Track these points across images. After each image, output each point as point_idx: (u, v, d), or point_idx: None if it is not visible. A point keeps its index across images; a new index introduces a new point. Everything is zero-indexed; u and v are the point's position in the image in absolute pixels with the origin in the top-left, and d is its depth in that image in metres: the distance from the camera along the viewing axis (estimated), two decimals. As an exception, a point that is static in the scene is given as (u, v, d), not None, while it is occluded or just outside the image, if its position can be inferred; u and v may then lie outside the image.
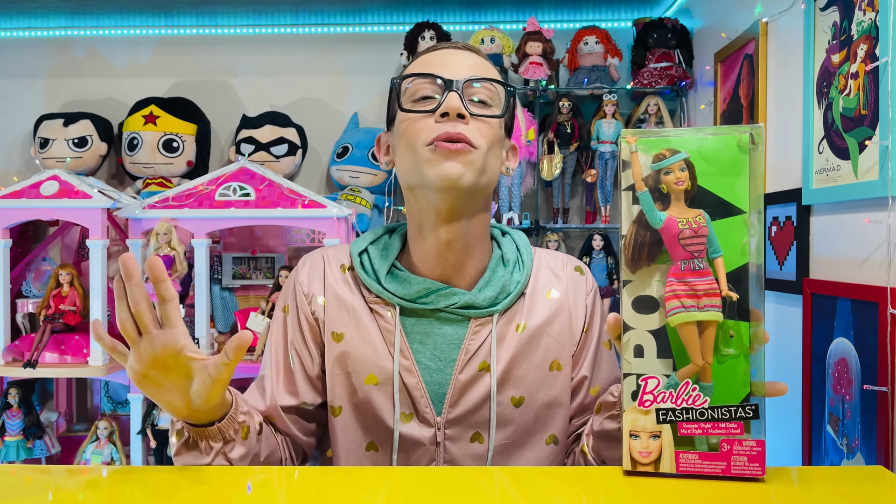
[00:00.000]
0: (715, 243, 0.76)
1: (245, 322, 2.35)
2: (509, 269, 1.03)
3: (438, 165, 0.94)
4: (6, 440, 2.29)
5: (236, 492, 0.78)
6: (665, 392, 0.77)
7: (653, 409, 0.78)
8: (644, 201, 0.77)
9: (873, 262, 1.35)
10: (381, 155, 1.07)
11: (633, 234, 0.78)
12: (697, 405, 0.77)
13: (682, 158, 0.76)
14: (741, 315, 0.76)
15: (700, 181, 0.76)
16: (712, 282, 0.76)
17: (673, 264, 0.77)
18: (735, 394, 0.76)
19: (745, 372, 0.76)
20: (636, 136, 0.78)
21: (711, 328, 0.76)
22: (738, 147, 0.76)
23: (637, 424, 0.78)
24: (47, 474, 0.92)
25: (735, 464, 0.76)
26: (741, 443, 0.76)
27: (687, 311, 0.76)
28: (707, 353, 0.76)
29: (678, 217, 0.77)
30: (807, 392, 1.55)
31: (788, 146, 1.70)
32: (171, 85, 2.74)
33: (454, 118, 0.94)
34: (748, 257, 0.76)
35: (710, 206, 0.76)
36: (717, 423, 0.76)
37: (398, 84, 1.00)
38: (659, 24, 2.44)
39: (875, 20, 1.32)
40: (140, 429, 2.28)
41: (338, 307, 1.03)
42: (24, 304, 2.43)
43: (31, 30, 2.73)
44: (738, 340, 0.76)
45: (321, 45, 2.73)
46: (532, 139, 2.48)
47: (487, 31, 2.53)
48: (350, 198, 2.51)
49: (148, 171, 2.53)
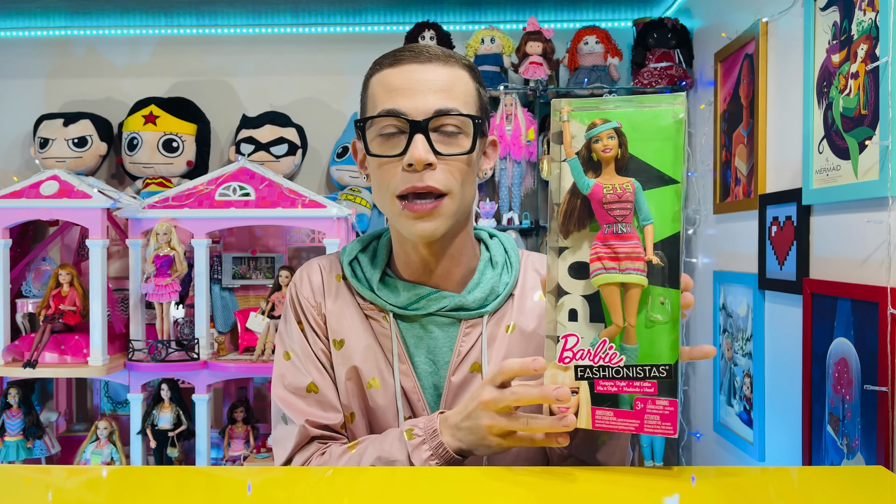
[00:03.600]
0: (645, 210, 0.78)
1: (245, 322, 2.35)
2: (497, 271, 1.04)
3: (411, 223, 0.95)
4: (6, 440, 2.29)
5: (236, 491, 0.78)
6: (584, 350, 0.80)
7: (572, 365, 0.80)
8: (573, 168, 0.80)
9: (873, 262, 1.35)
10: (359, 165, 1.05)
11: (566, 201, 0.80)
12: (613, 363, 0.79)
13: (612, 127, 0.78)
14: (672, 283, 0.77)
15: (633, 151, 0.78)
16: (635, 246, 0.78)
17: (600, 229, 0.79)
18: (662, 358, 0.78)
19: (673, 338, 0.77)
20: (571, 106, 0.80)
21: (635, 291, 0.78)
22: (671, 117, 0.77)
23: (556, 380, 0.80)
24: (47, 474, 0.92)
25: (648, 422, 0.78)
26: (654, 402, 0.78)
27: (608, 273, 0.79)
28: (630, 315, 0.78)
29: (605, 183, 0.79)
30: (807, 392, 1.55)
31: (788, 146, 1.70)
32: (171, 85, 2.74)
33: (421, 168, 0.92)
34: (680, 226, 0.77)
35: (644, 175, 0.78)
36: (631, 381, 0.78)
37: (362, 126, 0.97)
38: (659, 23, 2.44)
39: (875, 20, 1.32)
40: (140, 429, 2.28)
41: (337, 315, 1.04)
42: (24, 304, 2.43)
43: (31, 30, 2.73)
44: (668, 307, 0.77)
45: (321, 45, 2.73)
46: (532, 139, 2.48)
47: (487, 31, 2.53)
48: (350, 198, 2.51)
49: (148, 171, 2.53)
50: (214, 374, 2.26)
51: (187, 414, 2.29)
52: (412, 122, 0.92)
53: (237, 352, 2.40)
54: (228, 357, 2.33)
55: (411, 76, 0.95)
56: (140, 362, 2.23)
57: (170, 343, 2.22)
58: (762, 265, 1.79)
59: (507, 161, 2.50)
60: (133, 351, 2.24)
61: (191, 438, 2.30)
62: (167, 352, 2.21)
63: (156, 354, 2.21)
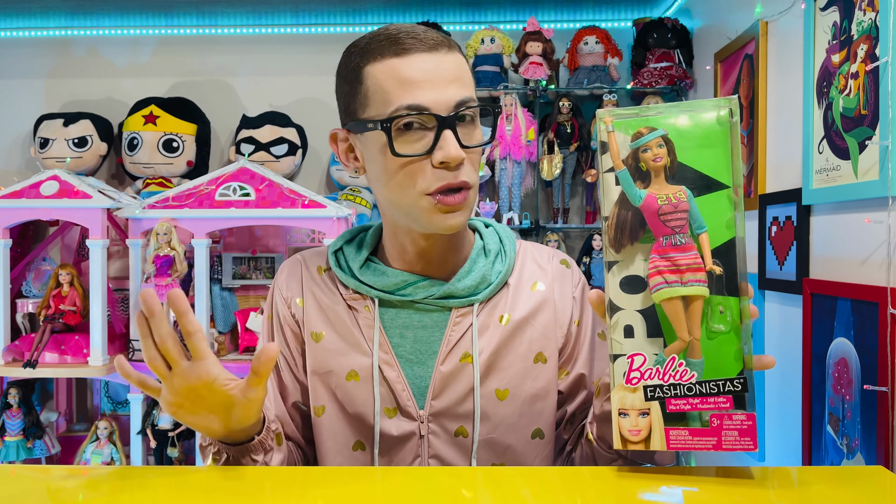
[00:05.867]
0: (699, 219, 0.76)
1: (245, 322, 2.35)
2: (490, 260, 1.03)
3: (441, 218, 0.92)
4: (6, 440, 2.29)
5: (236, 491, 0.78)
6: (652, 369, 0.77)
7: (640, 386, 0.77)
8: (623, 180, 0.77)
9: (873, 262, 1.35)
10: (342, 155, 1.01)
11: (615, 214, 0.78)
12: (685, 381, 0.76)
13: (660, 135, 0.76)
14: (730, 290, 0.76)
15: (680, 157, 0.76)
16: (695, 256, 0.76)
17: (655, 241, 0.77)
18: (727, 369, 0.76)
19: (737, 348, 0.75)
20: (612, 116, 0.78)
21: (697, 303, 0.76)
22: (716, 121, 0.76)
23: (626, 402, 0.78)
24: (47, 474, 0.92)
25: (726, 438, 0.76)
26: (731, 417, 0.76)
27: (670, 287, 0.76)
28: (694, 328, 0.76)
29: (658, 193, 0.77)
30: (807, 392, 1.55)
31: (788, 146, 1.70)
32: (171, 85, 2.74)
33: (455, 166, 0.90)
34: (734, 232, 0.76)
35: (693, 182, 0.76)
36: (705, 398, 0.76)
37: (388, 126, 0.91)
38: (659, 24, 2.44)
39: (875, 20, 1.32)
40: (140, 429, 2.28)
41: (316, 308, 1.03)
42: (24, 304, 2.43)
43: (31, 30, 2.73)
44: (728, 316, 0.76)
45: (321, 45, 2.73)
46: (532, 139, 2.48)
47: (487, 31, 2.53)
48: (350, 198, 2.51)
49: (148, 171, 2.53)
50: (214, 374, 2.26)
51: (187, 414, 2.29)
52: (439, 117, 0.89)
53: (237, 352, 2.40)
54: (229, 357, 2.33)
55: (424, 67, 0.90)
56: (140, 362, 2.22)
57: (170, 343, 2.22)
58: (762, 265, 1.79)
59: (507, 161, 2.50)
60: (133, 351, 2.24)
61: (191, 438, 2.30)
62: (167, 352, 2.21)
63: (156, 354, 2.21)
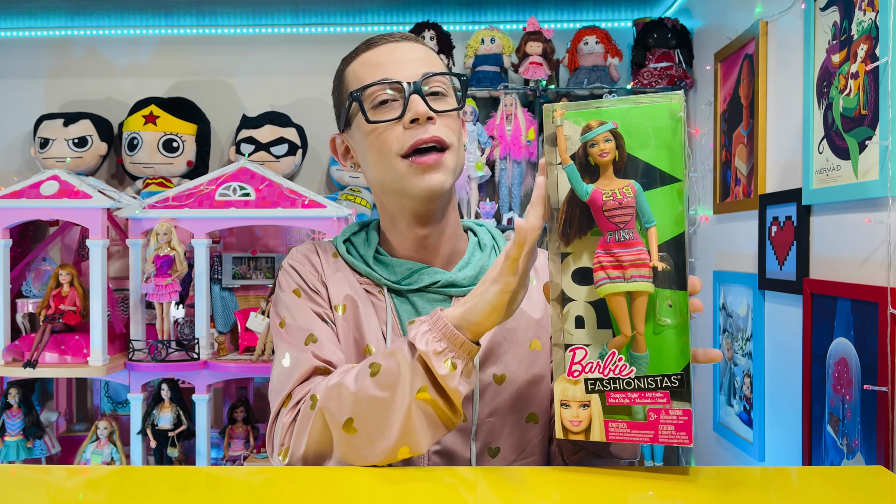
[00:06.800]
0: (648, 213, 0.75)
1: (245, 322, 2.35)
2: (486, 254, 1.09)
3: (419, 179, 0.97)
4: (6, 440, 2.29)
5: (236, 491, 0.78)
6: (593, 362, 0.78)
7: (581, 378, 0.79)
8: (570, 174, 0.77)
9: (873, 262, 1.35)
10: (341, 158, 1.10)
11: (564, 207, 0.78)
12: (624, 375, 0.77)
13: (609, 129, 0.76)
14: (680, 285, 0.75)
15: (631, 151, 0.76)
16: (640, 252, 0.76)
17: (602, 236, 0.77)
18: (672, 364, 0.76)
19: (684, 343, 0.76)
20: (565, 108, 0.78)
21: (642, 298, 0.76)
22: (669, 115, 0.75)
23: (567, 394, 0.79)
24: (47, 474, 0.92)
25: (662, 432, 0.77)
26: (668, 412, 0.77)
27: (612, 283, 0.77)
28: (638, 322, 0.76)
29: (604, 189, 0.76)
30: (807, 392, 1.55)
31: (788, 146, 1.70)
32: (171, 85, 2.74)
33: (424, 122, 0.96)
34: (684, 226, 0.75)
35: (643, 176, 0.76)
36: (643, 392, 0.77)
37: (358, 96, 1.00)
38: (659, 24, 2.44)
39: (875, 20, 1.32)
40: (140, 429, 2.28)
41: (337, 285, 1.06)
42: (24, 304, 2.43)
43: (31, 30, 2.73)
44: (677, 310, 0.75)
45: (321, 45, 2.73)
46: (532, 139, 2.48)
47: (487, 31, 2.53)
48: (350, 198, 2.51)
49: (148, 171, 2.53)
50: (214, 374, 2.26)
51: (187, 414, 2.29)
52: (406, 84, 0.97)
53: (237, 352, 2.40)
54: (228, 357, 2.33)
55: (391, 52, 1.01)
56: (140, 362, 2.23)
57: (170, 343, 2.22)
58: (762, 265, 1.79)
59: (507, 161, 2.50)
60: (133, 351, 2.24)
61: (191, 438, 2.30)
62: (167, 352, 2.22)
63: (156, 354, 2.21)
